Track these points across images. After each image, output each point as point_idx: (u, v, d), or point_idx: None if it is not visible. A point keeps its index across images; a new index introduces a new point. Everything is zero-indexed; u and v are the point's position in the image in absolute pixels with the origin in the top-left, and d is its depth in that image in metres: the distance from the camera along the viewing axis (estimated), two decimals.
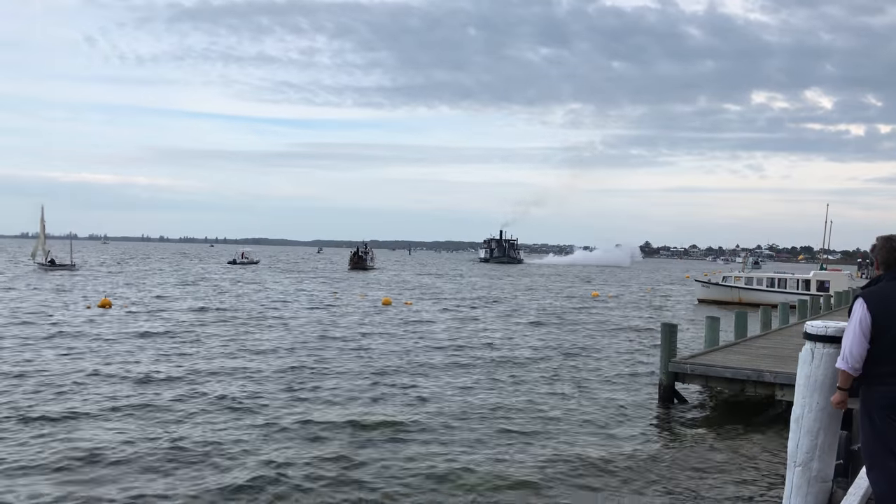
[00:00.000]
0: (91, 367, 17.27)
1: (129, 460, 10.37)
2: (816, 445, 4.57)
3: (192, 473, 9.90)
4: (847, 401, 4.37)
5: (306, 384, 16.02)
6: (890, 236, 4.41)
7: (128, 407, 13.47)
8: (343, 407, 13.97)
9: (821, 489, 4.62)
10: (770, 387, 13.21)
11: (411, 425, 12.72)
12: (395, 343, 23.11)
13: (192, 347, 21.08)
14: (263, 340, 22.83)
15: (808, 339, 4.65)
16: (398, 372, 17.93)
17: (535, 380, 17.41)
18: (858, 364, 4.20)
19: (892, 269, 4.34)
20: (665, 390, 14.68)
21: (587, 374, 18.42)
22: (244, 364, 18.40)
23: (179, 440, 11.36)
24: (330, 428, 12.39)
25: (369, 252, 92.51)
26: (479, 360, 20.06)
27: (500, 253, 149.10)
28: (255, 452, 10.89)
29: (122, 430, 11.85)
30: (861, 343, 4.17)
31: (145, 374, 16.65)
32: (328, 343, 22.63)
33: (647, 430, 13.07)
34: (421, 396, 15.12)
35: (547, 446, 11.64)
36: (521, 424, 13.03)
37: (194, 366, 17.97)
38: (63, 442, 11.14)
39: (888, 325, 4.15)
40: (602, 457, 11.13)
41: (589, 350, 22.76)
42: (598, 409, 14.49)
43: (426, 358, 20.22)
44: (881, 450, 4.16)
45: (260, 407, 13.78)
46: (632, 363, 20.31)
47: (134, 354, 19.45)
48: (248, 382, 16.05)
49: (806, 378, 4.62)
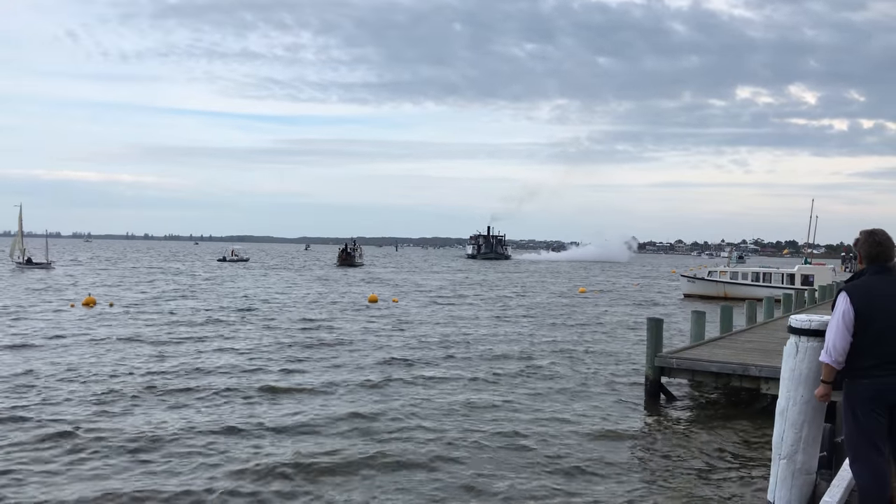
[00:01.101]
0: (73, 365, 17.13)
1: (109, 453, 10.31)
2: (801, 438, 4.62)
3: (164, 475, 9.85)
4: (831, 394, 4.41)
5: (303, 375, 15.99)
6: (872, 230, 4.46)
7: (121, 402, 13.39)
8: (332, 400, 13.95)
9: (805, 481, 4.67)
10: (755, 380, 13.31)
11: (376, 416, 12.71)
12: (378, 339, 23.07)
13: (176, 347, 20.96)
14: (250, 337, 22.73)
15: (793, 332, 4.69)
16: (376, 369, 17.91)
17: (518, 374, 17.42)
18: (842, 357, 4.24)
19: (875, 263, 4.38)
20: (651, 385, 14.76)
21: (573, 368, 18.47)
22: (226, 360, 18.32)
23: (164, 437, 11.30)
24: (316, 425, 12.37)
25: (357, 248, 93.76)
26: (465, 356, 20.05)
27: (488, 249, 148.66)
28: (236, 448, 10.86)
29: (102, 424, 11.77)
30: (844, 337, 4.21)
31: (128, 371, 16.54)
32: (317, 340, 22.57)
33: (633, 424, 13.13)
34: (398, 391, 15.12)
35: (530, 441, 11.65)
36: (502, 421, 13.01)
37: (181, 363, 17.88)
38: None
39: (871, 318, 4.18)
40: (587, 451, 11.18)
41: (575, 345, 22.81)
42: (584, 403, 14.54)
43: (410, 354, 20.19)
44: (864, 442, 4.20)
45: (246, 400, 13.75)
46: (618, 358, 20.39)
47: (108, 356, 19.30)
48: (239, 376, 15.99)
49: (790, 371, 4.66)
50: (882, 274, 4.33)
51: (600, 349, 22.13)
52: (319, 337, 23.34)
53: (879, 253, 4.37)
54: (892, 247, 4.40)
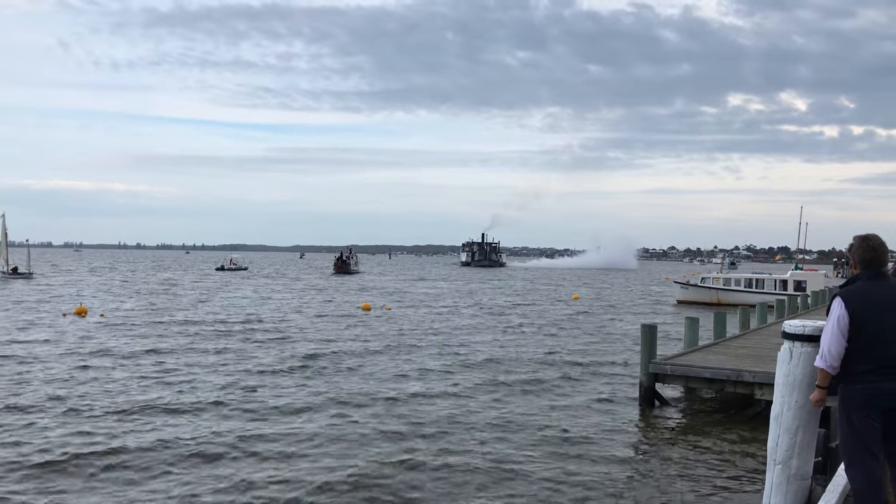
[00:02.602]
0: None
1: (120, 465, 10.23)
2: (795, 443, 4.61)
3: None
4: (826, 399, 4.41)
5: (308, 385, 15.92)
6: (866, 236, 4.47)
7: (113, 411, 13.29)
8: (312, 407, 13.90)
9: (800, 486, 4.66)
10: (749, 386, 13.32)
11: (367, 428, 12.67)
12: (369, 348, 23.02)
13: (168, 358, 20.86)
14: (254, 347, 22.64)
15: (787, 338, 4.69)
16: (369, 377, 17.86)
17: (514, 382, 17.37)
18: (837, 362, 4.25)
19: (869, 268, 4.39)
20: (645, 391, 14.75)
21: (567, 375, 18.44)
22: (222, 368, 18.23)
23: (172, 441, 11.23)
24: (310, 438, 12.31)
25: (353, 256, 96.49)
26: (459, 365, 20.02)
27: (482, 256, 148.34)
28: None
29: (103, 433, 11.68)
30: (839, 341, 4.21)
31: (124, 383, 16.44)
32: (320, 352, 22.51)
33: (628, 430, 13.11)
34: (390, 400, 15.08)
35: (523, 448, 11.62)
36: (497, 426, 12.99)
37: (173, 377, 17.78)
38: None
39: (866, 323, 4.19)
40: (581, 458, 11.16)
41: (569, 351, 22.79)
42: (579, 409, 14.52)
43: (403, 363, 20.15)
44: (859, 447, 4.20)
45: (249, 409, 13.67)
46: (612, 364, 20.38)
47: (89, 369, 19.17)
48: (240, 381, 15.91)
49: (784, 377, 4.66)
50: (876, 279, 4.34)
51: (594, 355, 22.10)
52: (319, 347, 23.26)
53: (874, 258, 4.38)
54: (886, 252, 4.43)
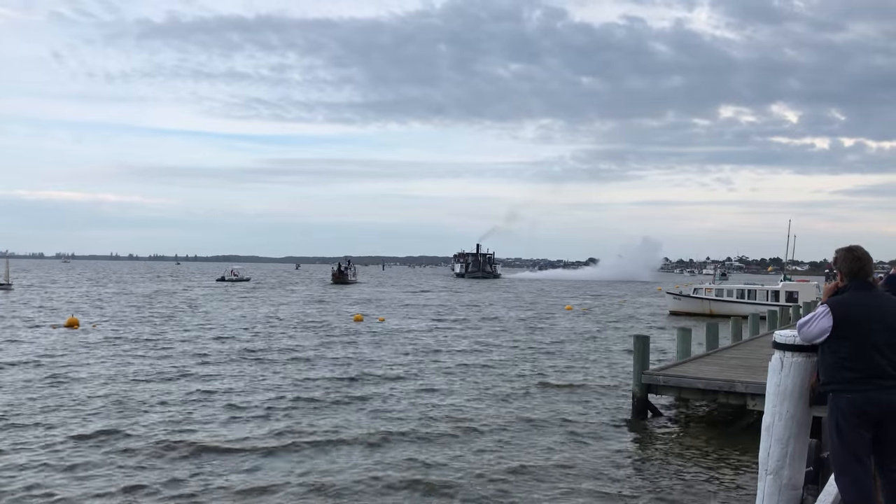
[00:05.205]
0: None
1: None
2: (787, 453, 4.63)
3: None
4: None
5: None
6: (850, 247, 4.51)
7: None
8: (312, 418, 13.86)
9: (792, 496, 4.67)
10: (742, 397, 13.35)
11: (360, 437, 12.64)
12: (362, 357, 22.98)
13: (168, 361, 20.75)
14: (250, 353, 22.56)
15: (778, 348, 4.72)
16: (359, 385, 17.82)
17: (507, 394, 17.38)
18: (809, 339, 4.31)
19: (856, 279, 4.44)
20: (638, 402, 14.77)
21: (560, 386, 18.44)
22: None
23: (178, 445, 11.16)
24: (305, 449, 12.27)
25: (350, 267, 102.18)
26: (451, 375, 20.00)
27: (476, 268, 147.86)
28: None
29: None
30: (820, 329, 4.26)
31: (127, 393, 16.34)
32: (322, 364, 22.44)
33: (621, 441, 13.12)
34: (378, 410, 15.06)
35: (518, 460, 11.61)
36: (491, 437, 12.99)
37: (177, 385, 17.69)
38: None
39: (854, 332, 4.23)
40: (575, 470, 11.15)
41: (561, 363, 22.80)
42: (571, 421, 14.51)
43: (393, 371, 20.13)
44: (849, 456, 4.23)
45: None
46: (604, 375, 20.39)
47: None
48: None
49: (776, 387, 4.68)
50: (863, 289, 4.39)
51: (587, 367, 22.12)
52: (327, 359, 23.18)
53: (860, 269, 4.43)
54: (871, 262, 4.47)
